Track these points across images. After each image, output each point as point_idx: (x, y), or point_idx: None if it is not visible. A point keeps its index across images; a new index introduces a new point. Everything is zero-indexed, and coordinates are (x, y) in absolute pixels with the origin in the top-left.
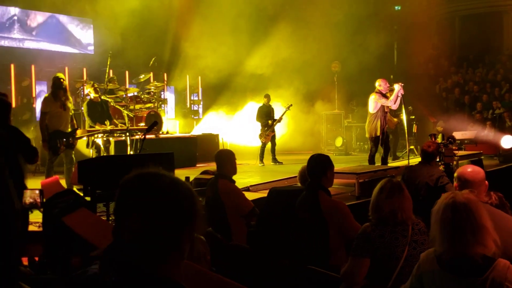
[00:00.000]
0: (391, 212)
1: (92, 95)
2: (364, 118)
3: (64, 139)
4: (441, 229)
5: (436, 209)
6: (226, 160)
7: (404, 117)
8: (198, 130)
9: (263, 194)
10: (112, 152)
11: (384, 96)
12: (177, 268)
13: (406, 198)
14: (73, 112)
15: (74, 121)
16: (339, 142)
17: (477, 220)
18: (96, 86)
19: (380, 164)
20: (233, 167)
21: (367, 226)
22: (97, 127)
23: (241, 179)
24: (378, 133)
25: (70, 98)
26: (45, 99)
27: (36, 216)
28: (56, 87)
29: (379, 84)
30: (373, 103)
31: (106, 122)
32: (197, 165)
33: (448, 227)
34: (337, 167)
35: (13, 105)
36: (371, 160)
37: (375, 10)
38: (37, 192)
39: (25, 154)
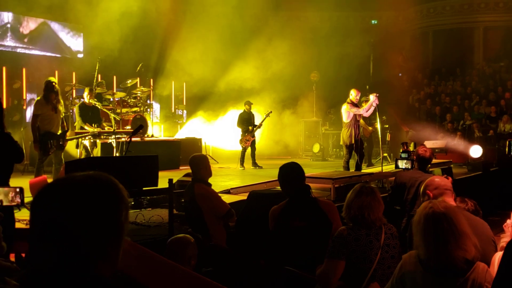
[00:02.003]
0: (359, 210)
1: (86, 99)
2: (341, 125)
3: (55, 140)
4: (423, 239)
5: (416, 220)
6: (200, 165)
7: (378, 126)
8: (181, 134)
9: (244, 196)
10: (98, 154)
11: (355, 105)
12: (106, 276)
13: (376, 200)
14: (63, 114)
15: (65, 123)
16: (316, 148)
17: (457, 227)
18: (94, 91)
19: (354, 170)
20: (208, 171)
21: (343, 230)
22: (87, 127)
23: (222, 182)
24: (352, 141)
25: (62, 101)
26: (37, 102)
27: (24, 214)
28: (48, 90)
29: (351, 94)
30: (345, 113)
31: (94, 125)
32: (181, 168)
33: (430, 237)
34: (314, 172)
35: (4, 106)
36: (346, 166)
37: (353, 24)
38: (17, 190)
39: (13, 157)
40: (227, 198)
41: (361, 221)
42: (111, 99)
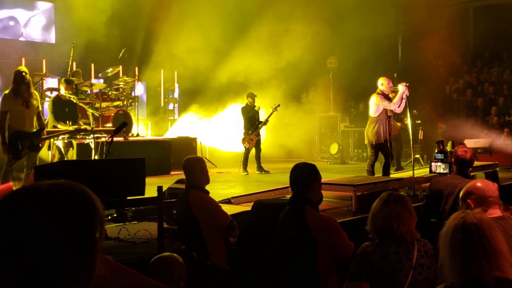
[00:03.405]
0: (386, 221)
1: (64, 92)
2: (364, 122)
3: (27, 141)
4: (450, 254)
5: (444, 232)
6: (196, 169)
7: (409, 121)
8: (172, 132)
9: (247, 207)
10: (74, 156)
11: (387, 98)
12: None
13: (406, 209)
14: (40, 109)
15: (42, 120)
16: (334, 149)
17: (490, 243)
18: (74, 81)
19: (380, 175)
20: (205, 176)
21: (367, 246)
22: (60, 126)
23: (222, 190)
24: (380, 140)
25: (36, 93)
26: (5, 96)
27: None
28: (18, 82)
29: (382, 83)
30: (374, 105)
31: (68, 122)
32: (172, 173)
33: (458, 252)
34: (332, 177)
35: None
36: (371, 170)
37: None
38: None
39: None
40: (228, 209)
41: (389, 235)
42: (89, 92)
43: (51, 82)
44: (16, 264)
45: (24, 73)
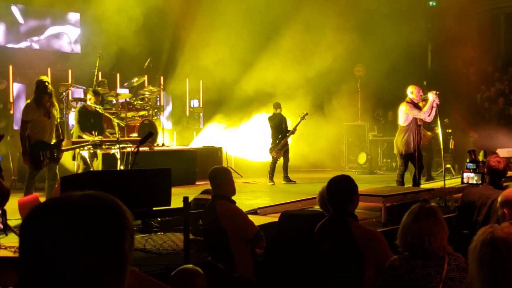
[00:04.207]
0: (416, 237)
1: (90, 102)
2: (393, 130)
3: (48, 152)
4: (479, 269)
5: (473, 247)
6: (223, 179)
7: (439, 131)
8: (198, 142)
9: (273, 218)
10: (99, 166)
11: (417, 106)
12: None
13: (438, 224)
14: (59, 120)
15: (60, 131)
16: (362, 158)
17: None
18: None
19: (411, 185)
20: (231, 186)
21: (395, 260)
22: (86, 136)
23: (247, 200)
24: (410, 150)
25: (56, 104)
26: (27, 105)
27: (11, 240)
28: (40, 92)
29: (411, 91)
30: (404, 114)
31: (94, 133)
32: (197, 183)
33: (486, 267)
34: (360, 188)
35: None
36: (400, 181)
37: (406, 6)
38: None
39: None
40: (254, 220)
41: (420, 250)
42: (114, 101)
43: (77, 93)
44: (43, 275)
45: (46, 83)
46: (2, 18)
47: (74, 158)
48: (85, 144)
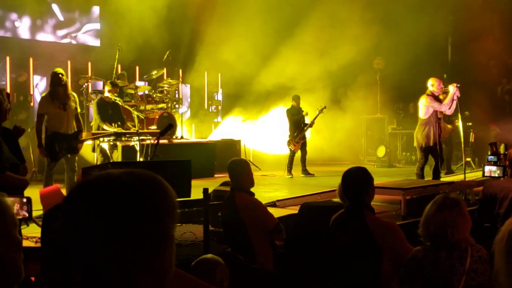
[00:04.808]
0: (439, 227)
1: (108, 94)
2: (412, 123)
3: (65, 143)
4: (506, 260)
5: (499, 237)
6: (241, 171)
7: (460, 124)
8: (216, 135)
9: (292, 210)
10: (119, 158)
11: (437, 99)
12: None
13: (462, 215)
14: (78, 111)
15: (81, 121)
16: (381, 152)
17: None
18: (118, 84)
19: (430, 178)
20: (250, 178)
21: (418, 251)
22: (106, 127)
23: (266, 193)
24: (430, 143)
25: (74, 95)
26: (42, 99)
27: (32, 230)
28: (54, 84)
29: (432, 84)
30: (424, 107)
31: (114, 124)
32: (216, 176)
33: None
34: (379, 181)
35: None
36: (420, 174)
37: None
38: (24, 200)
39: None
40: (273, 212)
41: (442, 241)
42: (134, 94)
43: (96, 85)
44: (87, 250)
45: (60, 75)
46: (27, 12)
47: (93, 150)
48: (107, 134)
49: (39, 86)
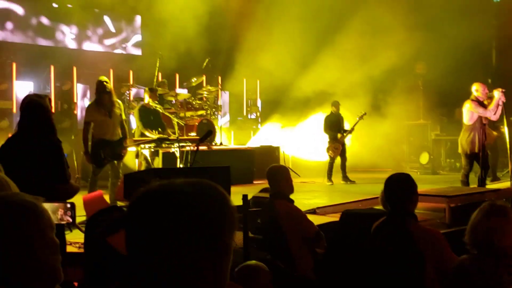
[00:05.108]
0: (486, 234)
1: (148, 101)
2: (457, 130)
3: (109, 149)
4: None
5: None
6: (281, 177)
7: (505, 130)
8: (255, 141)
9: (333, 218)
10: (159, 165)
11: (482, 104)
12: None
13: (509, 222)
14: (124, 117)
15: (126, 128)
16: (424, 158)
17: None
18: (157, 90)
19: (476, 186)
20: (289, 185)
21: (464, 259)
22: (148, 133)
23: (306, 200)
24: (475, 149)
25: (119, 102)
26: (88, 107)
27: (76, 236)
28: (100, 92)
29: (476, 89)
30: (469, 113)
31: (154, 132)
32: (255, 182)
33: None
34: (423, 188)
35: (53, 110)
36: (465, 181)
37: (470, 2)
38: (68, 206)
39: (54, 174)
40: (313, 219)
41: (489, 249)
42: (173, 101)
43: (138, 93)
44: (146, 260)
45: (105, 83)
46: (73, 21)
47: (137, 156)
48: (149, 140)
49: (82, 94)
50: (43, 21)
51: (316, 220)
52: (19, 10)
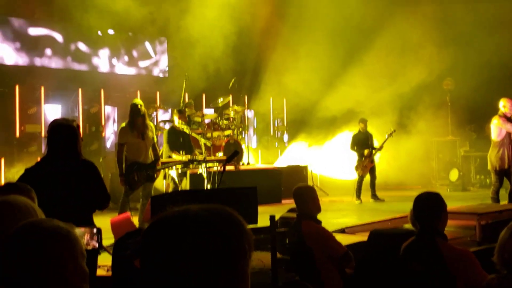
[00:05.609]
0: None
1: (177, 122)
2: (486, 146)
3: (143, 172)
4: None
5: None
6: (307, 198)
7: None
8: (282, 161)
9: (362, 237)
10: (187, 186)
11: (510, 120)
12: None
13: None
14: (156, 140)
15: (157, 150)
16: (454, 175)
17: None
18: (186, 111)
19: (506, 202)
20: (316, 205)
21: (492, 279)
22: (174, 156)
23: (334, 219)
24: (505, 165)
25: (151, 125)
26: (122, 129)
27: (104, 259)
28: (134, 114)
29: (504, 105)
30: (497, 129)
31: (182, 152)
32: (283, 202)
33: None
34: (453, 205)
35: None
36: (495, 198)
37: (501, 16)
38: (94, 231)
39: (94, 196)
40: (342, 239)
41: None
42: (201, 122)
43: (165, 114)
44: (162, 287)
45: (139, 106)
46: (103, 45)
47: (165, 178)
48: (175, 163)
49: (109, 116)
50: (81, 47)
51: (344, 239)
52: (58, 37)
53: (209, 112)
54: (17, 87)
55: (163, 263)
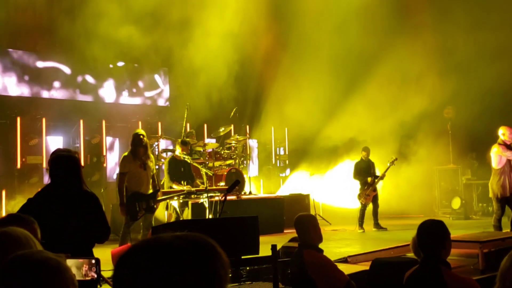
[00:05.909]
0: None
1: (179, 153)
2: (488, 173)
3: (144, 202)
4: None
5: None
6: (309, 226)
7: None
8: (284, 190)
9: (364, 266)
10: (189, 216)
11: (510, 148)
12: None
13: None
14: (155, 171)
15: (156, 182)
16: (456, 203)
17: None
18: (189, 142)
19: (509, 230)
20: (318, 234)
21: None
22: (175, 186)
23: (337, 248)
24: (506, 193)
25: (152, 156)
26: (124, 158)
27: None
28: (136, 144)
29: (503, 133)
30: (497, 157)
31: (183, 182)
32: (285, 231)
33: None
34: (455, 233)
35: (82, 164)
36: (498, 226)
37: (498, 46)
38: (92, 261)
39: (94, 229)
40: (344, 268)
41: None
42: (202, 151)
43: (166, 144)
44: None
45: (142, 136)
46: (108, 76)
47: (166, 208)
48: (178, 193)
49: (111, 146)
50: (88, 79)
51: (347, 269)
52: (66, 69)
53: (210, 141)
54: (18, 119)
55: None
